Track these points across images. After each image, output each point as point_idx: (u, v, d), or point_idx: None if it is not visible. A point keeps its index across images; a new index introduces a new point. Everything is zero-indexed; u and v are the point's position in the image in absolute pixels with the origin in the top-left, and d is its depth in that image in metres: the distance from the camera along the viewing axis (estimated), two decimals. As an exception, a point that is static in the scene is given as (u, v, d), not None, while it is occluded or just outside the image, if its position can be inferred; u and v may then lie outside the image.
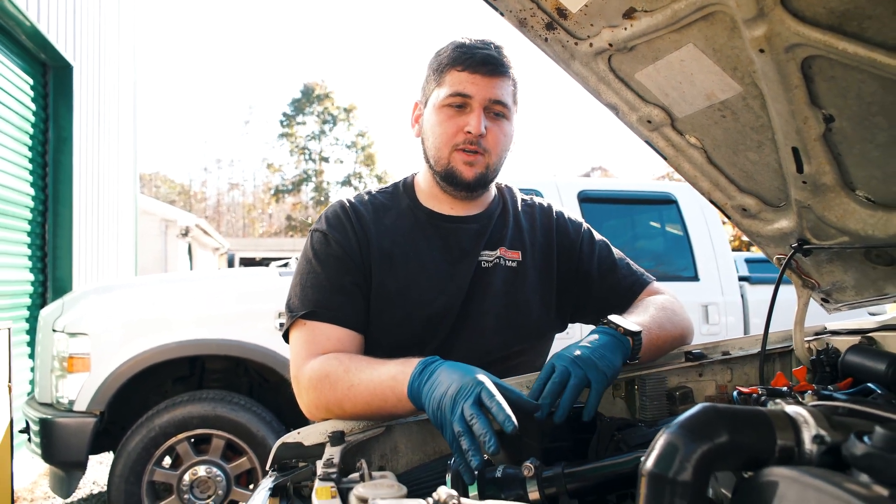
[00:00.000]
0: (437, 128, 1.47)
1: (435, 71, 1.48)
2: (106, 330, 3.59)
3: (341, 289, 1.44)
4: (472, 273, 1.51)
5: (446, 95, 1.44)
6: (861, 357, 1.23)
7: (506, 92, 1.45)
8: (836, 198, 1.18)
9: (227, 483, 3.55)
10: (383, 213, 1.55)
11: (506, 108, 1.46)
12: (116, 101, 8.46)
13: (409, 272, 1.48)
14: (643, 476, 0.75)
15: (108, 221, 7.98)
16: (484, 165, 1.47)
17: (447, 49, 1.47)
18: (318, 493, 0.95)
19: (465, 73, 1.42)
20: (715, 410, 0.77)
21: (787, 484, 0.68)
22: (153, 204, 18.32)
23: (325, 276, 1.45)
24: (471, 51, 1.43)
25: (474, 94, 1.42)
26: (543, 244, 1.61)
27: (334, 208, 1.56)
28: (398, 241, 1.51)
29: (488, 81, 1.42)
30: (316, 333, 1.40)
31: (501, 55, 1.45)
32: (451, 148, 1.46)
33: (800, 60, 1.01)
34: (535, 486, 1.05)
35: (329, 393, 1.29)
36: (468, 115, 1.43)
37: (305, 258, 1.51)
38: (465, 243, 1.53)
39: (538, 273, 1.58)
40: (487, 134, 1.44)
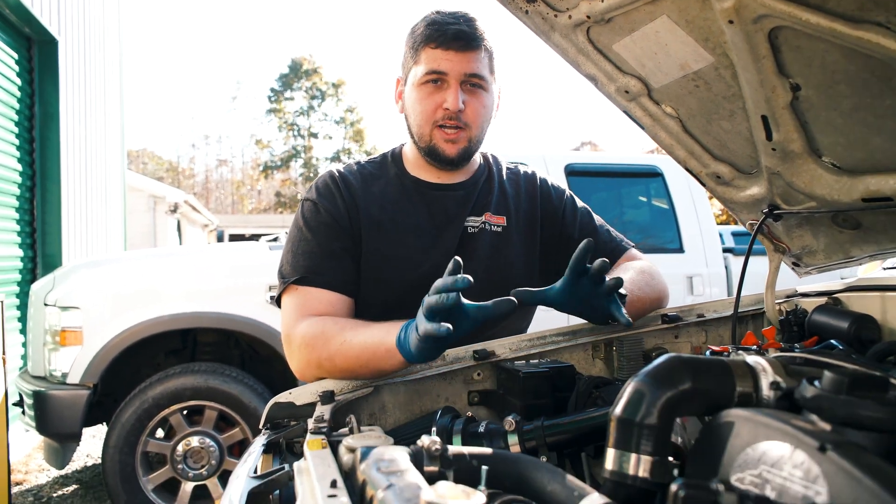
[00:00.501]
0: (416, 105, 1.50)
1: (411, 48, 1.51)
2: (98, 303, 3.62)
3: (331, 254, 1.49)
4: (458, 238, 1.56)
5: (423, 73, 1.47)
6: (826, 316, 1.29)
7: (481, 64, 1.47)
8: (803, 164, 1.23)
9: (220, 453, 3.61)
10: (372, 181, 1.60)
11: (482, 79, 1.48)
12: (103, 77, 8.39)
13: (397, 237, 1.53)
14: (612, 420, 0.81)
15: (97, 198, 7.95)
16: (466, 140, 1.51)
17: (420, 26, 1.49)
18: (310, 445, 1.01)
19: (439, 50, 1.45)
20: (679, 360, 0.83)
21: (742, 423, 0.73)
22: (141, 180, 18.20)
23: (315, 243, 1.50)
24: (443, 27, 1.45)
25: (449, 70, 1.45)
26: (528, 210, 1.66)
27: (324, 178, 1.60)
28: (386, 208, 1.55)
29: (462, 56, 1.45)
30: (308, 297, 1.46)
31: (473, 28, 1.47)
32: (433, 125, 1.50)
33: (767, 31, 1.05)
34: (517, 439, 1.11)
35: (322, 349, 1.35)
36: (445, 92, 1.47)
37: (296, 226, 1.56)
38: (450, 209, 1.58)
39: (522, 238, 1.63)
40: (466, 108, 1.47)
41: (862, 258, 1.39)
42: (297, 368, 1.44)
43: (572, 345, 1.41)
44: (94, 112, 7.93)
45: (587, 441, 1.13)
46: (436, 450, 0.82)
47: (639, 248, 1.75)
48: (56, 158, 6.46)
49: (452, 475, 0.83)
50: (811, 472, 0.63)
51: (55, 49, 6.46)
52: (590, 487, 0.77)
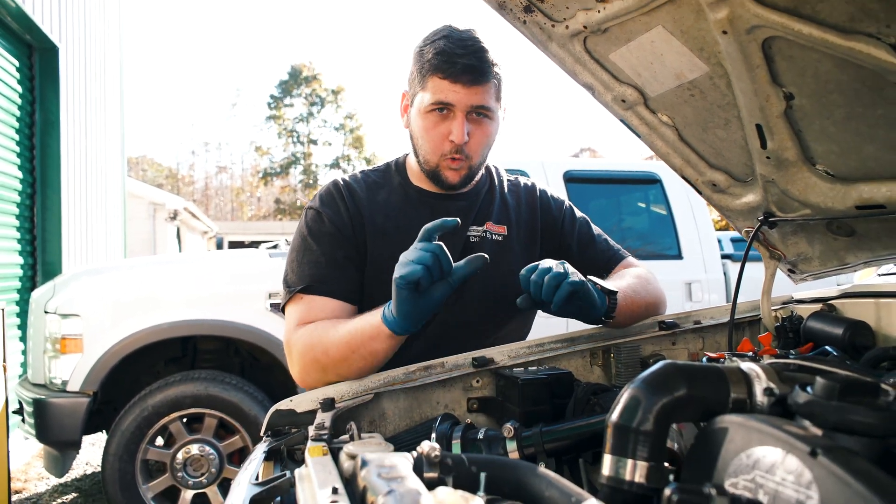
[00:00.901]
0: (423, 133, 1.52)
1: (419, 72, 1.50)
2: (98, 311, 3.62)
3: (334, 263, 1.51)
4: (460, 247, 1.58)
5: (429, 102, 1.47)
6: (821, 323, 1.30)
7: (488, 96, 1.47)
8: (798, 172, 1.25)
9: (220, 461, 3.61)
10: (376, 189, 1.62)
11: (488, 110, 1.49)
12: (103, 84, 8.42)
13: (402, 244, 1.53)
14: (609, 427, 0.82)
15: (97, 205, 7.97)
16: (467, 167, 1.54)
17: (430, 50, 1.47)
18: (311, 452, 1.02)
19: (447, 81, 1.44)
20: (674, 367, 0.84)
21: (735, 428, 0.75)
22: (141, 187, 18.23)
23: (319, 252, 1.51)
24: (452, 59, 1.43)
25: (456, 102, 1.45)
26: (528, 220, 1.69)
27: (328, 187, 1.62)
28: (391, 216, 1.58)
29: (470, 90, 1.44)
30: (311, 306, 1.48)
31: (483, 61, 1.45)
32: (439, 156, 1.52)
33: (760, 41, 1.06)
34: (515, 445, 1.12)
35: (318, 346, 1.39)
36: (451, 122, 1.48)
37: (300, 235, 1.57)
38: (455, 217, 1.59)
39: (523, 247, 1.66)
40: (470, 139, 1.49)
41: (857, 265, 1.41)
42: (298, 373, 1.46)
43: (570, 352, 1.43)
44: (95, 119, 7.96)
45: (585, 447, 1.14)
46: (435, 456, 0.83)
47: (637, 255, 1.77)
48: (56, 166, 6.48)
49: (451, 481, 0.84)
50: (803, 477, 0.64)
51: (56, 56, 6.49)
52: (587, 493, 0.78)
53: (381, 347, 1.33)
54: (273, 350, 3.67)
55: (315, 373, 1.41)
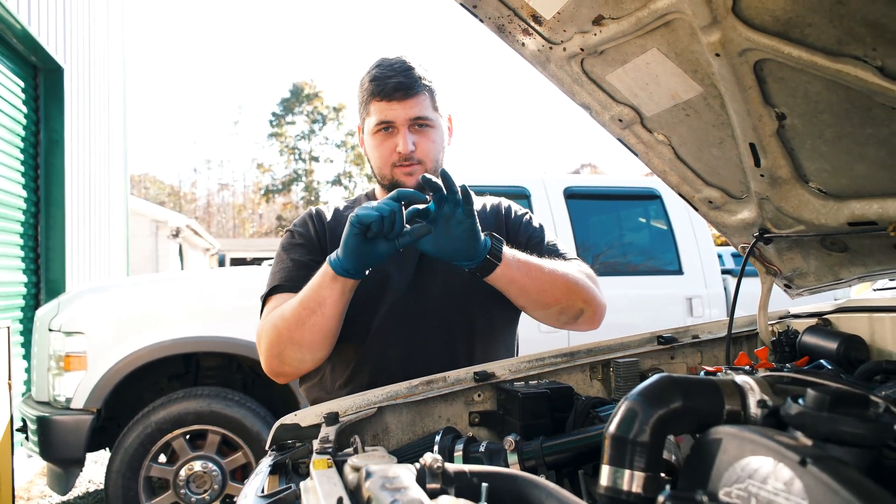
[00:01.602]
0: (374, 151, 1.66)
1: (361, 102, 1.67)
2: (102, 328, 3.65)
3: (302, 265, 1.64)
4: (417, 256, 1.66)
5: (374, 124, 1.63)
6: (816, 337, 1.32)
7: (423, 107, 1.61)
8: (791, 189, 1.28)
9: (223, 478, 3.62)
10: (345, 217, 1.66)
11: (427, 119, 1.62)
12: (106, 103, 8.50)
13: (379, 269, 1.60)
14: (606, 438, 0.84)
15: (100, 223, 8.02)
16: (422, 171, 1.63)
17: (366, 81, 1.65)
18: (316, 465, 1.04)
19: (383, 102, 1.60)
20: (670, 380, 0.86)
21: (729, 439, 0.77)
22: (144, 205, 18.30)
23: (288, 259, 1.67)
24: (383, 82, 1.60)
25: (395, 119, 1.60)
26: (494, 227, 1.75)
27: (302, 216, 1.80)
28: None
29: (404, 104, 1.59)
30: (278, 302, 1.60)
31: (410, 77, 1.60)
32: (391, 166, 1.64)
33: (752, 63, 1.10)
34: (516, 458, 1.14)
35: (276, 315, 1.52)
36: (396, 137, 1.62)
37: (276, 254, 1.74)
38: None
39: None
40: (417, 148, 1.62)
41: (851, 280, 1.43)
42: (267, 361, 1.59)
43: (570, 366, 1.45)
44: (98, 138, 8.03)
45: (585, 460, 1.16)
46: (437, 467, 0.85)
47: (638, 270, 1.80)
48: (60, 184, 6.53)
49: (454, 492, 0.86)
50: (794, 486, 0.66)
51: (61, 77, 6.56)
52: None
53: (327, 294, 1.43)
54: (276, 366, 3.67)
55: (276, 346, 1.52)
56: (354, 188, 43.73)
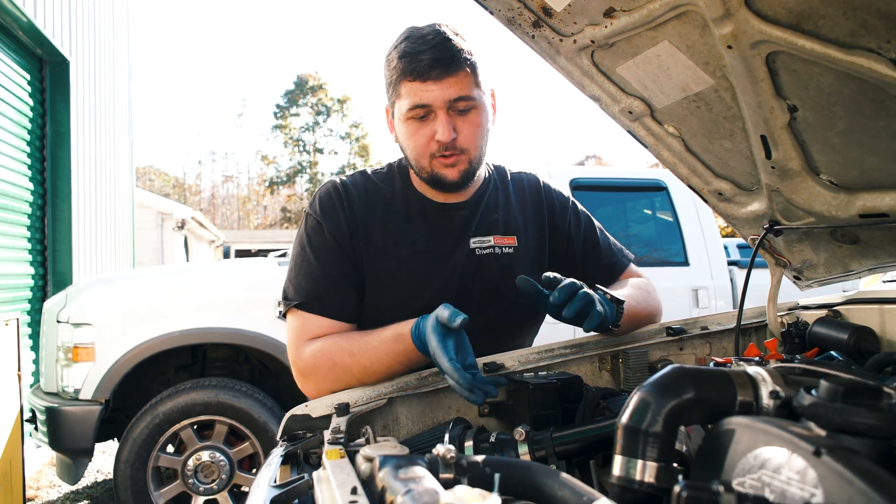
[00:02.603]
0: (409, 141, 1.46)
1: (390, 83, 1.44)
2: (109, 320, 3.66)
3: (333, 280, 1.48)
4: (463, 259, 1.55)
5: (407, 109, 1.41)
6: (826, 328, 1.33)
7: (465, 85, 1.39)
8: (802, 182, 1.27)
9: (231, 467, 3.64)
10: (376, 197, 1.57)
11: (470, 100, 1.41)
12: (112, 96, 8.51)
13: (401, 260, 1.53)
14: (619, 429, 0.85)
15: (106, 215, 8.04)
16: (466, 162, 1.46)
17: (394, 58, 1.41)
18: (328, 454, 1.05)
19: (417, 82, 1.37)
20: (682, 370, 0.87)
21: (742, 430, 0.77)
22: (149, 197, 18.34)
23: (317, 265, 1.49)
24: (416, 58, 1.36)
25: (432, 101, 1.38)
26: (535, 224, 1.66)
27: (328, 191, 1.56)
28: (390, 231, 1.54)
29: (443, 84, 1.37)
30: (308, 323, 1.48)
31: (449, 50, 1.37)
32: (429, 158, 1.45)
33: (764, 55, 1.10)
34: (527, 448, 1.15)
35: (329, 371, 1.42)
36: (434, 122, 1.41)
37: (300, 244, 1.54)
38: (455, 231, 1.56)
39: (532, 256, 1.63)
40: (459, 135, 1.42)
41: (861, 272, 1.43)
42: (309, 393, 1.48)
43: (579, 357, 1.45)
44: (104, 130, 8.04)
45: (595, 450, 1.17)
46: (451, 458, 0.86)
47: (644, 262, 1.81)
48: (66, 176, 6.55)
49: (467, 482, 0.86)
50: (808, 476, 0.67)
51: (66, 69, 6.58)
52: (598, 493, 0.81)
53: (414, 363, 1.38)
54: (282, 357, 3.70)
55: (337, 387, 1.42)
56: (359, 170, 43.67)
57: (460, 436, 1.21)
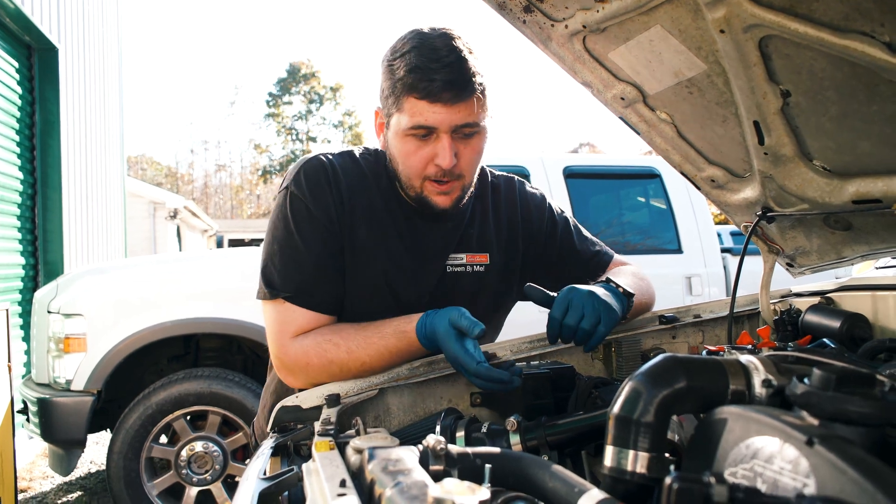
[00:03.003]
0: (404, 158, 1.37)
1: (392, 91, 1.33)
2: (101, 310, 3.64)
3: (321, 270, 1.41)
4: (437, 276, 1.51)
5: (408, 126, 1.31)
6: (819, 316, 1.32)
7: (473, 111, 1.30)
8: (795, 168, 1.26)
9: (224, 458, 3.63)
10: (363, 186, 1.47)
11: (476, 126, 1.34)
12: (102, 84, 8.43)
13: (378, 266, 1.47)
14: (611, 419, 0.84)
15: (97, 204, 7.99)
16: (460, 188, 1.41)
17: (400, 66, 1.30)
18: (318, 447, 1.03)
19: (425, 102, 1.27)
20: (674, 359, 0.86)
21: (734, 419, 0.76)
22: (141, 186, 18.24)
23: (305, 252, 1.40)
24: (428, 76, 1.26)
25: (439, 124, 1.30)
26: (509, 237, 1.60)
27: (315, 169, 1.45)
28: (374, 228, 1.47)
29: (451, 109, 1.28)
30: (293, 316, 1.41)
31: (463, 72, 1.28)
32: (422, 179, 1.37)
33: (757, 40, 1.08)
34: (518, 438, 1.14)
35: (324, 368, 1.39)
36: (435, 145, 1.32)
37: (284, 223, 1.42)
38: (435, 245, 1.51)
39: (502, 272, 1.59)
40: (459, 160, 1.34)
41: (854, 258, 1.43)
42: (295, 386, 1.45)
43: (571, 346, 1.44)
44: (95, 119, 7.97)
45: (587, 440, 1.16)
46: (440, 449, 0.85)
47: (637, 249, 1.78)
48: (57, 165, 6.50)
49: (457, 473, 0.86)
50: (800, 466, 0.66)
51: (55, 57, 6.50)
52: (590, 484, 0.80)
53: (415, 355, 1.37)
54: (276, 347, 3.68)
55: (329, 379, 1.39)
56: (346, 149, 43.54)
57: (452, 426, 1.20)
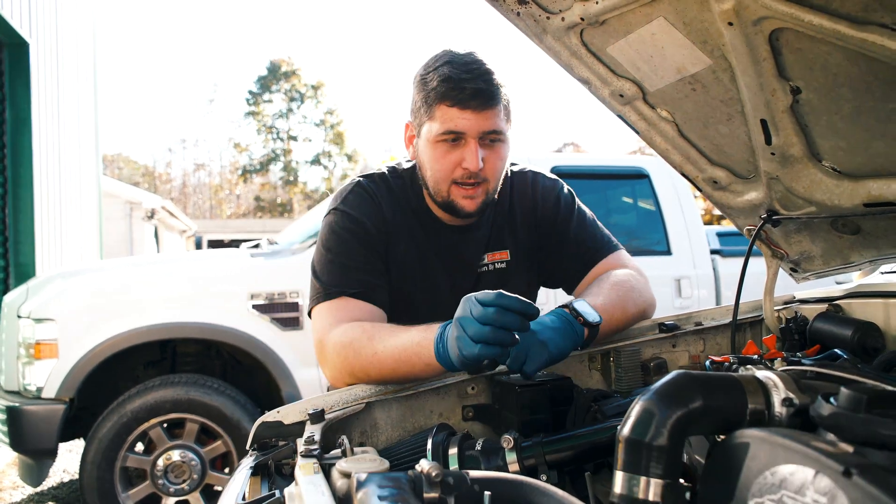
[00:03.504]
0: (433, 163, 1.47)
1: (424, 102, 1.45)
2: (73, 315, 3.52)
3: (378, 272, 1.49)
4: (471, 282, 1.59)
5: (439, 132, 1.42)
6: (828, 324, 1.26)
7: (498, 119, 1.43)
8: (803, 169, 1.21)
9: (203, 467, 3.53)
10: (395, 206, 1.57)
11: (501, 134, 1.45)
12: (76, 80, 8.25)
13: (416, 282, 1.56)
14: (620, 442, 0.77)
15: (71, 204, 7.81)
16: (484, 193, 1.49)
17: (433, 78, 1.42)
18: (302, 469, 0.96)
19: (455, 109, 1.40)
20: (688, 376, 0.79)
21: (758, 444, 0.70)
22: (117, 186, 17.95)
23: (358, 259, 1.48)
24: (459, 85, 1.39)
25: (467, 130, 1.41)
26: (524, 230, 1.64)
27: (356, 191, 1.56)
28: (410, 248, 1.56)
29: (479, 116, 1.40)
30: (351, 307, 1.43)
31: (491, 84, 1.41)
32: (450, 183, 1.46)
33: (768, 33, 1.02)
34: (515, 457, 1.07)
35: (354, 360, 1.33)
36: (464, 149, 1.43)
37: (336, 235, 1.51)
38: (466, 254, 1.60)
39: (525, 266, 1.65)
40: (485, 164, 1.44)
41: (861, 263, 1.37)
42: (330, 377, 1.43)
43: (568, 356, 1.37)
44: (68, 116, 7.79)
45: (588, 458, 1.09)
46: (436, 475, 0.78)
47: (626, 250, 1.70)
48: (28, 164, 6.33)
49: (454, 501, 0.78)
50: (837, 500, 0.60)
51: (26, 52, 6.34)
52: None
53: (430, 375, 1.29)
54: (255, 352, 3.59)
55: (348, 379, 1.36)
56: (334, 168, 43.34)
57: (444, 443, 1.13)
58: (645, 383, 1.37)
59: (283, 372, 3.61)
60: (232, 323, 3.61)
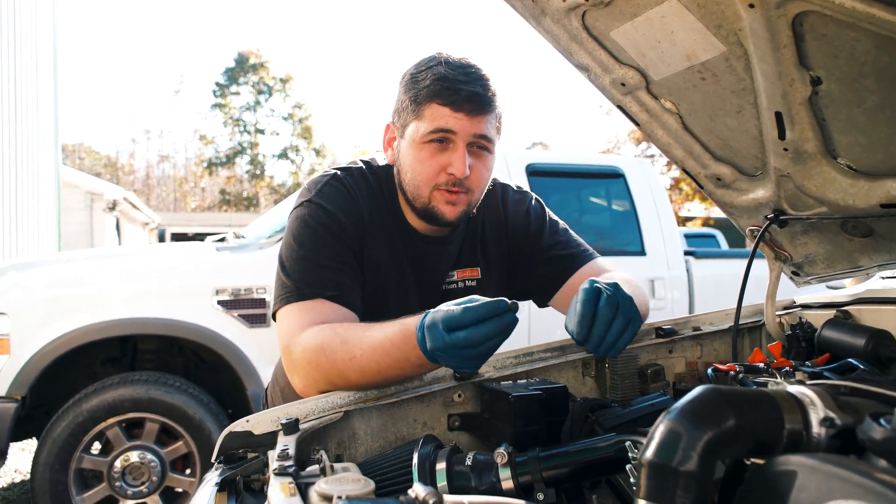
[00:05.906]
0: (417, 165, 1.39)
1: (413, 100, 1.38)
2: (27, 309, 3.35)
3: (353, 272, 1.39)
4: (439, 294, 1.53)
5: (427, 131, 1.35)
6: (838, 332, 1.19)
7: (490, 126, 1.38)
8: (816, 166, 1.14)
9: (163, 468, 3.38)
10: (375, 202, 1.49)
11: (490, 141, 1.39)
12: (34, 66, 7.94)
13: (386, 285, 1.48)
14: (643, 466, 0.68)
15: (28, 194, 7.52)
16: (466, 203, 1.42)
17: (426, 77, 1.36)
18: (281, 489, 0.85)
19: (448, 108, 1.34)
20: (719, 393, 0.71)
21: (808, 473, 0.61)
22: (78, 176, 17.45)
23: (335, 255, 1.38)
24: (454, 85, 1.33)
25: (458, 131, 1.34)
26: (494, 246, 1.60)
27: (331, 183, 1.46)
28: (384, 254, 1.48)
29: (472, 120, 1.34)
30: (325, 310, 1.32)
31: (486, 89, 1.36)
32: (432, 188, 1.39)
33: (791, 17, 0.95)
34: (509, 473, 0.98)
35: (328, 365, 1.22)
36: (451, 153, 1.36)
37: (310, 232, 1.40)
38: (435, 265, 1.54)
39: (495, 283, 1.60)
40: (471, 172, 1.38)
41: (870, 267, 1.31)
42: (301, 386, 1.29)
43: (561, 362, 1.29)
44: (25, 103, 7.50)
45: (588, 474, 1.01)
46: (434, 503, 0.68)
47: (599, 251, 1.66)
48: (-18, 152, 6.06)
49: (450, 531, 0.69)
50: (908, 541, 0.52)
51: (-18, 35, 6.06)
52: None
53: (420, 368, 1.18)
54: (220, 349, 3.45)
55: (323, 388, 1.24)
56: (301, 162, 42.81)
57: (431, 456, 1.03)
58: (641, 391, 1.30)
59: (249, 370, 3.48)
60: (196, 319, 3.46)
